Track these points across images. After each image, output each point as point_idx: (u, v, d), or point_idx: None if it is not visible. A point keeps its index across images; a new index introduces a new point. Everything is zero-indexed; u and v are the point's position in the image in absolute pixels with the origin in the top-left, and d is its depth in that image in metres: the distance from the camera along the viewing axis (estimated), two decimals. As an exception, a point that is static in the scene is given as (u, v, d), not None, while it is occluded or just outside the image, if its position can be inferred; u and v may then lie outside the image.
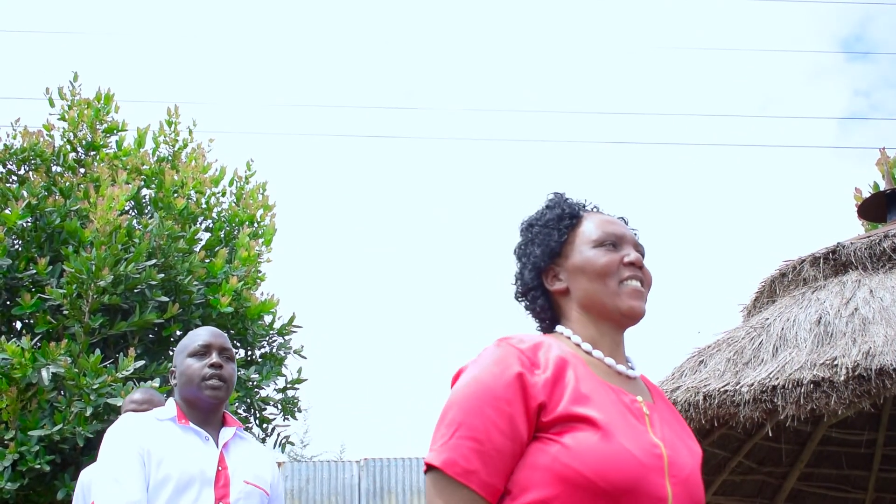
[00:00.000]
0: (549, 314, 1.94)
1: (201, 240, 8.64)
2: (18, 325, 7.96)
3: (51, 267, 7.53)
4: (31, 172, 8.30)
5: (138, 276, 7.48)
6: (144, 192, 8.72)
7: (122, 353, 7.25)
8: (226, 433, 2.97)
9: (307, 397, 37.36)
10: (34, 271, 7.47)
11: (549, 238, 1.92)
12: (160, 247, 7.84)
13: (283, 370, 8.59)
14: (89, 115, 8.63)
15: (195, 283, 7.90)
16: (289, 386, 8.64)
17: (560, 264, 1.91)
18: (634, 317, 1.86)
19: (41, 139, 8.37)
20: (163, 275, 7.72)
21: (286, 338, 8.73)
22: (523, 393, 1.67)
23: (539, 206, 2.01)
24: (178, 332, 8.12)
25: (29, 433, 6.76)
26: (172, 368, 3.04)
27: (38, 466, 6.69)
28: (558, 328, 1.89)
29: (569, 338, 1.85)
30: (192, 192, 8.67)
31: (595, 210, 2.01)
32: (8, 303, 7.73)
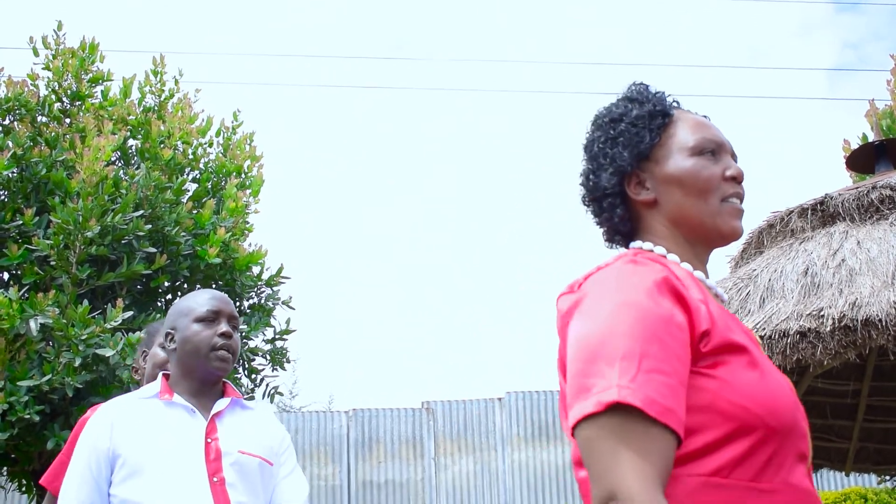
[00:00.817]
0: (627, 227, 1.70)
1: (188, 191, 8.60)
2: (6, 276, 7.94)
3: (37, 218, 7.49)
4: (15, 123, 8.22)
5: (125, 227, 7.46)
6: (131, 142, 8.66)
7: (110, 304, 7.24)
8: (220, 403, 2.74)
9: (296, 348, 37.47)
10: (21, 222, 7.44)
11: (638, 139, 1.67)
12: (147, 198, 7.81)
13: (272, 321, 8.61)
14: (74, 65, 8.54)
15: (183, 234, 7.88)
16: (277, 337, 8.67)
17: (648, 170, 1.67)
18: (733, 239, 1.67)
19: (26, 89, 8.28)
20: (150, 226, 7.70)
21: (274, 289, 8.74)
22: (689, 317, 1.46)
23: (619, 99, 1.75)
24: (166, 284, 8.11)
25: (18, 383, 6.77)
26: (170, 331, 2.78)
27: (28, 417, 6.71)
28: (640, 244, 1.67)
29: (664, 256, 1.63)
30: (179, 143, 8.62)
31: (679, 107, 1.77)
32: (-6, 254, 7.69)
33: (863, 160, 6.76)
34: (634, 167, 1.67)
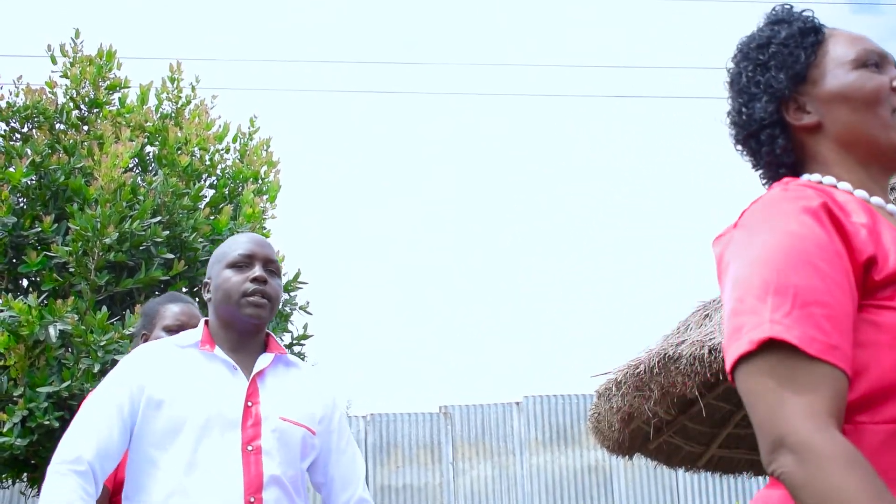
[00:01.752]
0: (791, 157, 1.55)
1: (206, 196, 8.63)
2: (25, 282, 7.98)
3: (56, 224, 7.53)
4: (34, 130, 8.27)
5: (143, 233, 7.48)
6: (148, 149, 8.69)
7: (128, 310, 7.28)
8: (263, 360, 2.52)
9: (313, 353, 37.51)
10: (39, 229, 7.48)
11: (792, 59, 1.53)
12: (165, 204, 7.84)
13: (289, 326, 8.62)
14: (92, 73, 8.58)
15: (200, 239, 7.90)
16: (295, 342, 8.67)
17: (807, 93, 1.53)
18: None
19: (44, 97, 8.33)
20: (168, 232, 7.73)
21: (292, 294, 8.74)
22: (848, 243, 1.30)
23: (762, 24, 1.62)
24: (184, 289, 8.13)
25: (37, 390, 6.80)
26: (206, 280, 2.60)
27: (47, 423, 6.74)
28: (807, 177, 1.51)
29: (834, 186, 1.46)
30: (196, 149, 8.65)
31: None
32: (14, 260, 7.74)
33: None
34: (792, 91, 1.53)
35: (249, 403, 2.43)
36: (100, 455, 2.29)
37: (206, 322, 2.59)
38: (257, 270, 2.50)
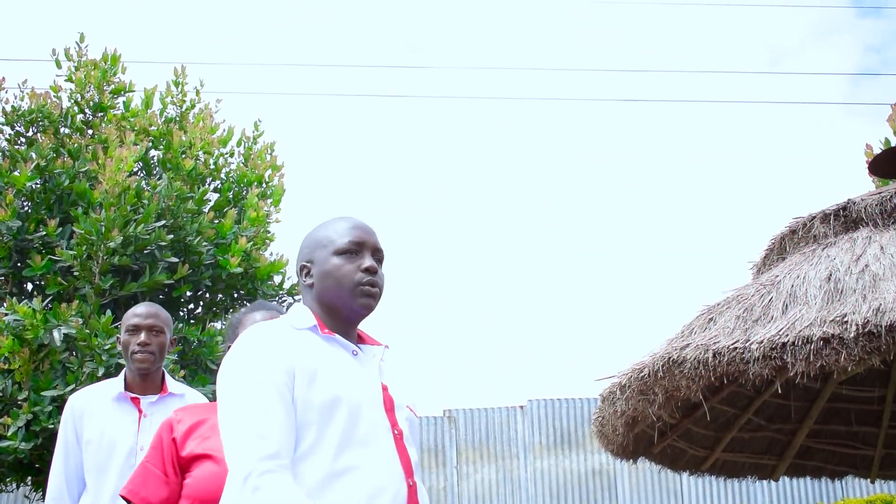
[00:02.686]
0: None
1: (210, 200, 8.64)
2: (29, 286, 7.99)
3: (60, 228, 7.55)
4: (39, 134, 8.29)
5: (148, 237, 7.50)
6: (152, 153, 8.71)
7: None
8: (376, 350, 2.49)
9: (317, 357, 37.30)
10: (44, 233, 7.49)
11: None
12: (169, 208, 7.85)
13: (294, 330, 8.62)
14: (96, 77, 8.60)
15: (204, 243, 7.91)
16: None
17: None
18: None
19: (49, 101, 8.35)
20: (172, 235, 7.74)
21: (296, 298, 8.75)
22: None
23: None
24: (188, 293, 8.15)
25: (42, 393, 6.82)
26: (306, 264, 2.47)
27: (52, 426, 6.75)
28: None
29: None
30: (201, 153, 8.66)
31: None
32: (18, 264, 7.75)
33: (885, 165, 6.71)
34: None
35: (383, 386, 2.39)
36: (289, 445, 2.16)
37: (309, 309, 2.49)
38: (368, 260, 2.42)
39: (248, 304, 2.98)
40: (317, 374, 2.24)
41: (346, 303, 2.39)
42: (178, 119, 9.00)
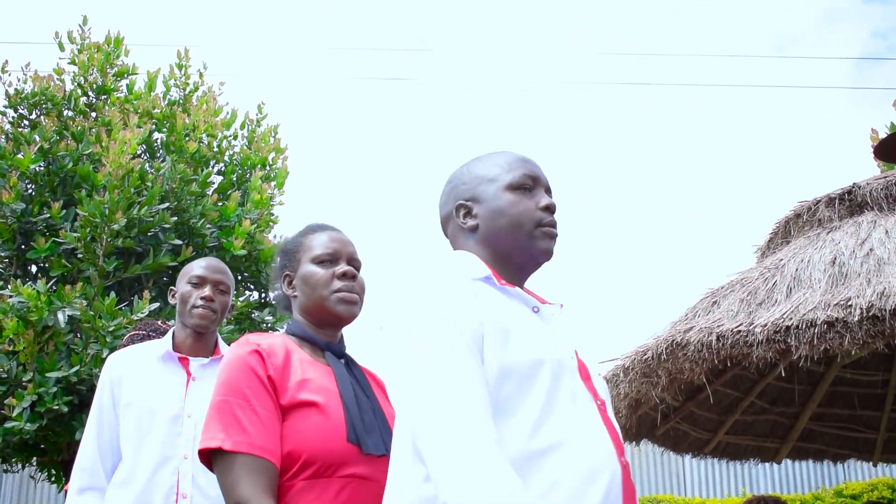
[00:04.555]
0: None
1: (213, 183, 8.64)
2: (34, 268, 8.01)
3: (64, 211, 7.55)
4: (42, 117, 8.29)
5: (151, 219, 7.50)
6: (156, 135, 8.71)
7: (136, 296, 7.30)
8: (552, 308, 2.05)
9: (320, 340, 37.41)
10: (48, 215, 7.50)
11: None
12: (173, 190, 7.85)
13: (297, 312, 8.62)
14: (99, 59, 8.60)
15: (208, 226, 7.92)
16: (303, 328, 8.68)
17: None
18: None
19: (52, 83, 8.35)
20: (176, 218, 7.75)
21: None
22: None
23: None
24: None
25: (46, 375, 6.84)
26: (466, 203, 2.09)
27: (56, 407, 6.77)
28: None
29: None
30: (204, 136, 8.66)
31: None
32: (23, 247, 7.77)
33: (891, 149, 6.70)
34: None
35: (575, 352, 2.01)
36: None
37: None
38: (545, 197, 2.06)
39: (306, 227, 2.57)
40: (510, 332, 1.84)
41: (524, 247, 2.01)
42: (181, 102, 8.99)
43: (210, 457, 2.10)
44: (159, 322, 4.24)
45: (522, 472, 1.72)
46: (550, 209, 2.03)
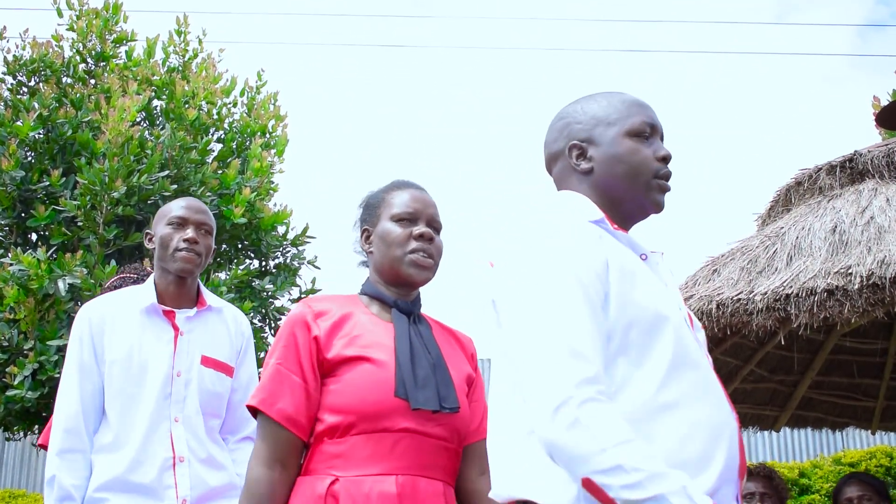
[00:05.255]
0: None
1: (213, 151, 8.62)
2: (34, 236, 8.00)
3: (64, 178, 7.54)
4: (41, 84, 8.26)
5: (151, 187, 7.49)
6: (155, 102, 8.67)
7: (137, 264, 7.30)
8: (656, 256, 1.97)
9: (321, 308, 37.42)
10: (48, 183, 7.49)
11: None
12: (172, 158, 7.83)
13: (298, 280, 8.63)
14: (98, 26, 8.55)
15: (208, 193, 7.91)
16: (303, 296, 8.69)
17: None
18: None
19: (50, 50, 8.31)
20: (176, 186, 7.73)
21: (300, 248, 8.75)
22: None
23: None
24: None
25: (47, 343, 6.85)
26: (580, 143, 1.97)
27: (58, 376, 6.78)
28: None
29: None
30: (204, 103, 8.62)
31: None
32: (22, 214, 7.76)
33: (892, 117, 6.66)
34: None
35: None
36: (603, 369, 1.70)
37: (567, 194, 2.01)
38: (663, 148, 1.99)
39: (391, 182, 2.48)
40: (635, 276, 1.78)
41: (638, 197, 1.94)
42: (180, 69, 8.95)
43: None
44: (148, 269, 4.01)
45: (649, 424, 1.67)
46: (667, 160, 1.97)
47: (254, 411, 2.25)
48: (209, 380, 3.07)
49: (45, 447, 3.37)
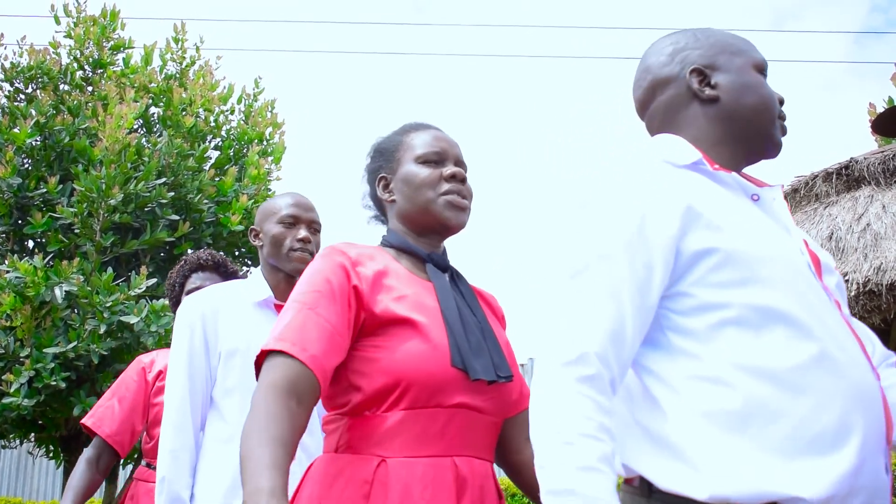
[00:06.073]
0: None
1: (211, 158, 8.62)
2: (31, 243, 8.00)
3: (61, 185, 7.54)
4: (38, 91, 8.26)
5: (148, 194, 7.49)
6: (153, 110, 8.68)
7: (133, 272, 7.29)
8: (772, 192, 1.78)
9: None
10: (45, 190, 7.49)
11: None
12: (170, 165, 7.84)
13: (295, 288, 8.62)
14: (95, 33, 8.55)
15: (205, 201, 7.91)
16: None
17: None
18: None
19: (48, 57, 8.31)
20: (173, 193, 7.73)
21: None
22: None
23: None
24: (189, 251, 8.15)
25: (44, 350, 6.84)
26: (702, 68, 1.80)
27: (54, 383, 6.77)
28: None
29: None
30: (201, 110, 8.63)
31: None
32: (19, 221, 7.75)
33: (888, 124, 6.65)
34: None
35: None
36: (625, 345, 1.57)
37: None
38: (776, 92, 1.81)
39: (405, 125, 2.29)
40: (722, 227, 1.57)
41: (763, 130, 1.77)
42: (178, 76, 8.95)
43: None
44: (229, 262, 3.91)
45: (775, 397, 1.46)
46: (782, 103, 1.84)
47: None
48: None
49: (93, 433, 3.45)
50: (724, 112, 1.75)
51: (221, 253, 3.95)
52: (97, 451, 3.49)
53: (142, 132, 8.52)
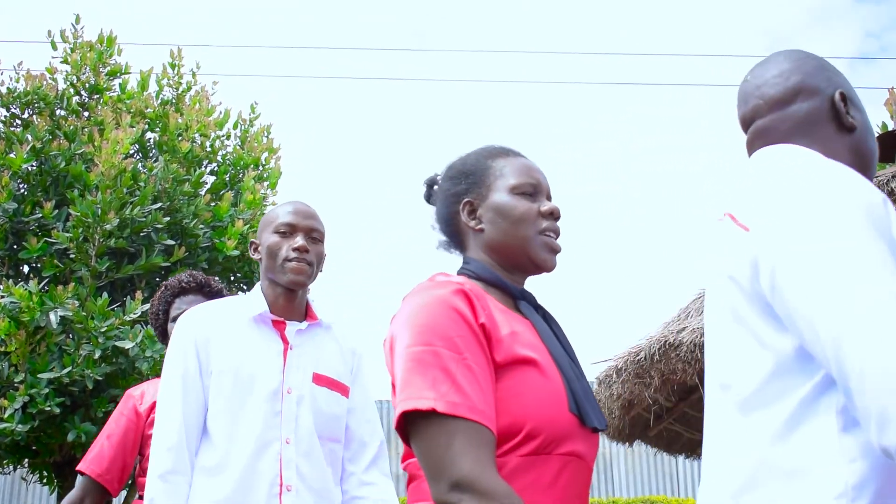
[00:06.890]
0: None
1: (206, 183, 8.63)
2: (26, 268, 7.99)
3: (57, 211, 7.54)
4: (35, 116, 8.28)
5: (144, 219, 7.49)
6: (149, 135, 8.69)
7: (129, 297, 7.28)
8: None
9: (314, 340, 37.39)
10: (40, 215, 7.49)
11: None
12: (165, 190, 7.84)
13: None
14: (92, 58, 8.58)
15: (201, 226, 7.91)
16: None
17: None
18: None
19: (44, 82, 8.34)
20: (168, 218, 7.74)
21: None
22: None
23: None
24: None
25: (38, 376, 6.82)
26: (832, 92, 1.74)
27: (49, 409, 6.75)
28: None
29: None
30: (197, 136, 8.65)
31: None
32: (15, 247, 7.75)
33: (883, 149, 6.69)
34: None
35: None
36: None
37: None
38: None
39: (489, 148, 2.03)
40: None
41: (868, 173, 1.72)
42: (174, 101, 8.98)
43: (408, 422, 1.61)
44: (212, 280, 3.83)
45: None
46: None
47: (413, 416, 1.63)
48: (323, 400, 2.76)
49: (82, 473, 3.31)
50: (855, 145, 1.69)
51: (201, 272, 3.85)
52: (82, 492, 3.36)
53: (138, 157, 8.53)
